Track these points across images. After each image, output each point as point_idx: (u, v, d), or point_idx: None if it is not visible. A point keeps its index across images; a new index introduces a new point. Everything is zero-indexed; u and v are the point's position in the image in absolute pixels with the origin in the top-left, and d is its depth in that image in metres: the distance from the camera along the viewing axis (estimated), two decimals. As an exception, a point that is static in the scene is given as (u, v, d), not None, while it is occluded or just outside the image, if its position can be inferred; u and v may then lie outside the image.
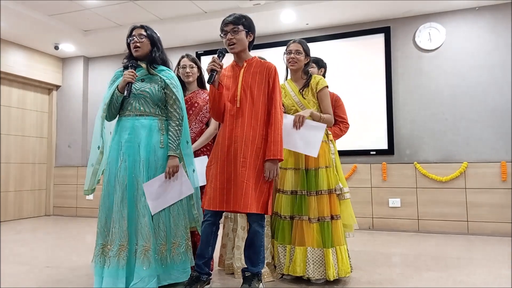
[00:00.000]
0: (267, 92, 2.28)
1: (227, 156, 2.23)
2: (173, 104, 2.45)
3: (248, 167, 2.17)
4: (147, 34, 2.46)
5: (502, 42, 4.32)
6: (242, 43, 2.29)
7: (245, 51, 2.35)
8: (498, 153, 4.24)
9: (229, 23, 2.26)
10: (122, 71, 2.48)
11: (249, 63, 2.34)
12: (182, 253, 2.40)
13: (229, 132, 2.25)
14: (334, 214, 2.48)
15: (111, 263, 2.20)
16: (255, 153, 2.20)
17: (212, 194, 2.21)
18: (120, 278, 2.19)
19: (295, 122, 2.45)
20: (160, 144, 2.41)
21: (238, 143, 2.21)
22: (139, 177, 2.31)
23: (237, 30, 2.26)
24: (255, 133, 2.22)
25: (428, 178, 4.43)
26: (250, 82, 2.28)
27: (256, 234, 2.25)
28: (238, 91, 2.27)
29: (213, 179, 2.24)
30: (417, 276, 2.67)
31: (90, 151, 2.48)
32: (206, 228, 2.27)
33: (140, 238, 2.24)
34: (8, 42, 5.43)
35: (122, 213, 2.25)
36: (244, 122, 2.23)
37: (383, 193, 4.60)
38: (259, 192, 2.19)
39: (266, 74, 2.29)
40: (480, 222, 4.21)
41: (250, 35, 2.33)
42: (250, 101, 2.25)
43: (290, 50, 2.64)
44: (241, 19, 2.28)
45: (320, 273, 2.42)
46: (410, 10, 4.56)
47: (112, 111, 2.41)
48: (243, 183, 2.15)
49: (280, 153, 2.19)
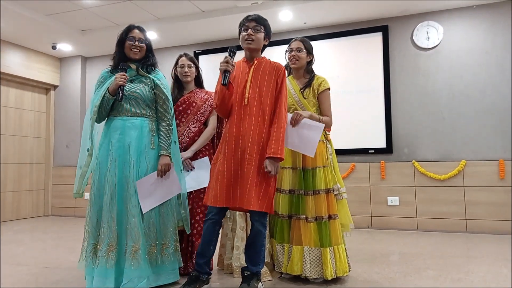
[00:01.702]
0: (275, 92, 2.29)
1: (235, 153, 2.23)
2: (163, 104, 2.46)
3: (253, 165, 2.18)
4: (145, 38, 2.48)
5: (500, 40, 4.33)
6: (259, 42, 2.32)
7: (258, 51, 2.37)
8: (496, 151, 4.25)
9: (253, 20, 2.29)
10: (110, 71, 2.47)
11: (259, 62, 2.35)
12: (171, 254, 2.40)
13: (237, 129, 2.24)
14: (332, 213, 2.48)
15: (99, 262, 2.20)
16: (261, 152, 2.21)
17: (219, 191, 2.20)
18: (109, 277, 2.19)
19: (292, 119, 2.44)
20: (151, 145, 2.41)
21: (245, 140, 2.21)
22: (129, 178, 2.31)
23: (259, 29, 2.29)
24: (261, 132, 2.23)
25: (426, 177, 4.43)
26: (259, 81, 2.29)
27: (258, 233, 2.24)
28: (247, 89, 2.28)
29: (219, 175, 2.23)
30: (416, 275, 2.67)
31: (80, 153, 2.45)
32: (209, 227, 2.25)
33: (130, 238, 2.24)
34: (5, 42, 5.41)
35: (111, 213, 2.25)
36: (252, 120, 2.23)
37: (382, 192, 4.60)
38: (263, 191, 2.18)
39: (275, 74, 2.31)
40: (479, 220, 4.22)
41: (266, 39, 2.37)
42: (258, 100, 2.26)
43: (292, 48, 2.64)
44: (265, 21, 2.33)
45: (317, 272, 2.43)
46: (407, 9, 4.56)
47: (102, 113, 2.39)
48: (248, 180, 2.15)
49: (281, 152, 2.19)
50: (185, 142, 2.76)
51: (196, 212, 2.72)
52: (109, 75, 2.45)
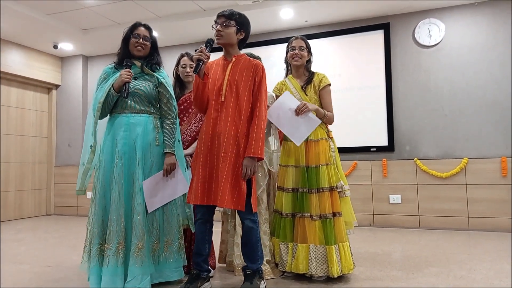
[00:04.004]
0: (252, 89, 2.28)
1: (211, 150, 2.23)
2: (167, 102, 2.47)
3: (228, 163, 2.17)
4: (150, 36, 2.49)
5: (501, 37, 4.32)
6: (229, 37, 2.29)
7: (233, 46, 2.35)
8: (498, 149, 4.24)
9: (222, 16, 2.29)
10: (114, 67, 2.47)
11: (237, 59, 2.34)
12: (174, 252, 2.41)
13: (213, 126, 2.24)
14: (336, 211, 2.49)
15: (110, 261, 2.20)
16: (236, 150, 2.20)
17: (195, 188, 2.22)
18: (119, 276, 2.21)
19: (298, 108, 2.47)
20: (156, 142, 2.41)
21: (221, 137, 2.21)
22: (135, 175, 2.31)
23: (228, 24, 2.27)
24: (237, 129, 2.22)
25: (428, 174, 4.43)
26: (237, 78, 2.28)
27: (250, 230, 2.25)
28: (224, 85, 2.27)
29: (195, 173, 2.25)
30: (418, 272, 2.67)
31: (82, 150, 2.45)
32: (200, 227, 2.30)
33: (134, 236, 2.24)
34: (6, 42, 5.42)
35: (119, 211, 2.25)
36: (228, 117, 2.23)
37: (384, 190, 4.60)
38: (238, 189, 2.16)
39: (253, 72, 2.29)
40: (481, 218, 4.21)
41: (241, 33, 2.33)
42: (235, 97, 2.25)
43: (294, 46, 2.64)
44: (235, 16, 2.30)
45: (323, 270, 2.43)
46: (409, 6, 4.55)
47: (105, 109, 2.40)
48: (223, 178, 2.15)
49: (260, 152, 2.18)
50: (187, 140, 2.77)
51: None
52: (113, 72, 2.45)
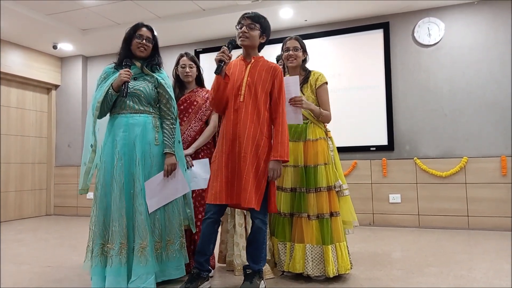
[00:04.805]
0: (270, 91, 2.30)
1: (232, 150, 2.23)
2: (167, 103, 2.47)
3: (248, 163, 2.18)
4: (153, 38, 2.50)
5: (501, 36, 4.31)
6: (253, 40, 2.30)
7: (254, 48, 2.36)
8: (498, 148, 4.24)
9: (249, 18, 2.29)
10: (114, 67, 2.47)
11: (256, 60, 2.35)
12: (176, 251, 2.41)
13: (233, 126, 2.25)
14: (334, 211, 2.49)
15: (113, 262, 2.21)
16: (254, 150, 2.21)
17: (219, 188, 2.20)
18: (122, 276, 2.21)
19: (294, 98, 2.46)
20: (155, 142, 2.41)
21: (241, 137, 2.21)
22: (136, 175, 2.31)
23: (254, 27, 2.28)
24: (256, 130, 2.23)
25: (428, 174, 4.43)
26: (256, 79, 2.29)
27: (259, 231, 2.25)
28: (243, 86, 2.28)
29: (218, 173, 2.23)
30: (418, 272, 2.67)
31: (83, 150, 2.46)
32: (209, 226, 2.26)
33: (137, 236, 2.25)
34: (6, 42, 5.42)
35: (121, 211, 2.26)
36: (247, 118, 2.23)
37: (383, 189, 4.60)
38: (259, 189, 2.18)
39: (271, 74, 2.31)
40: (481, 217, 4.21)
41: (263, 37, 2.35)
42: (254, 97, 2.26)
43: (288, 47, 2.64)
44: (261, 19, 2.32)
45: (320, 270, 2.43)
46: (408, 6, 4.55)
47: (104, 109, 2.40)
48: (244, 178, 2.16)
49: (286, 155, 2.22)
50: (187, 140, 2.77)
51: (199, 211, 2.72)
52: (113, 71, 2.46)
